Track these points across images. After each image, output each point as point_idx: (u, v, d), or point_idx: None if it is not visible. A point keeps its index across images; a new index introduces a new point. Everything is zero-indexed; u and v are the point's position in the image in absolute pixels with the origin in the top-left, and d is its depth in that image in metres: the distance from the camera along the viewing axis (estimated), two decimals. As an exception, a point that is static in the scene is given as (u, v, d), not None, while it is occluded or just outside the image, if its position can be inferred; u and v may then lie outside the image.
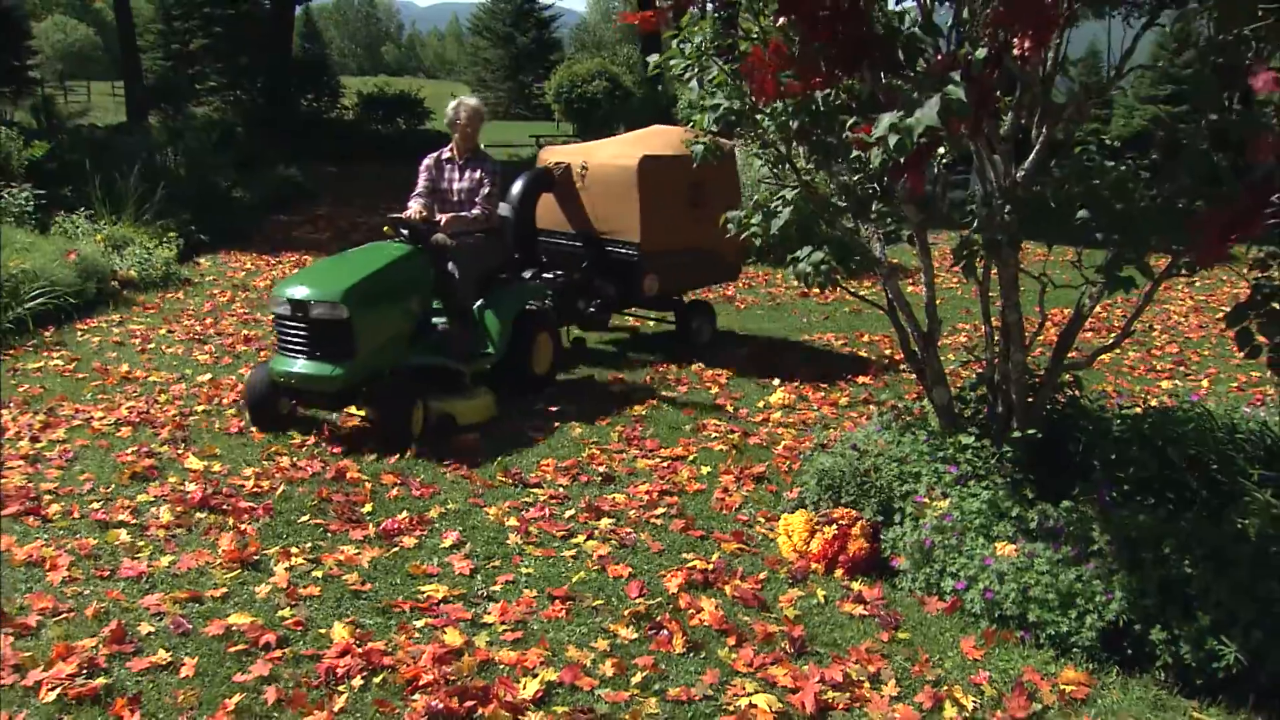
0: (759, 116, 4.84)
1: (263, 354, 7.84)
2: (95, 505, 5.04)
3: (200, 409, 6.56)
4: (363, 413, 6.41)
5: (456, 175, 7.06)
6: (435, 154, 7.20)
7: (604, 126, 30.59)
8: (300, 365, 5.96)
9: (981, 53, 3.69)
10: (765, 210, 5.10)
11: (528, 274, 7.77)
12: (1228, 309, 4.06)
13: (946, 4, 4.15)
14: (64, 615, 4.01)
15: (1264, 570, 3.83)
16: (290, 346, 6.02)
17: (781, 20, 3.96)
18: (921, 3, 4.16)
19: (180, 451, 5.81)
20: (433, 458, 5.85)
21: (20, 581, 4.26)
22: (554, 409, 6.78)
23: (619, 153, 8.18)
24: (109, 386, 6.99)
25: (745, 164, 10.97)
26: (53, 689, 3.49)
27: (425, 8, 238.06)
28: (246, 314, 9.38)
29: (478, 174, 6.99)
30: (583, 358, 8.29)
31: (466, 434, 6.22)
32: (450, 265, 6.70)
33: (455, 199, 7.02)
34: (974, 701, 3.65)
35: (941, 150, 4.82)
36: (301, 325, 5.96)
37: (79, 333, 8.44)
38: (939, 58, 3.61)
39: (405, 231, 6.63)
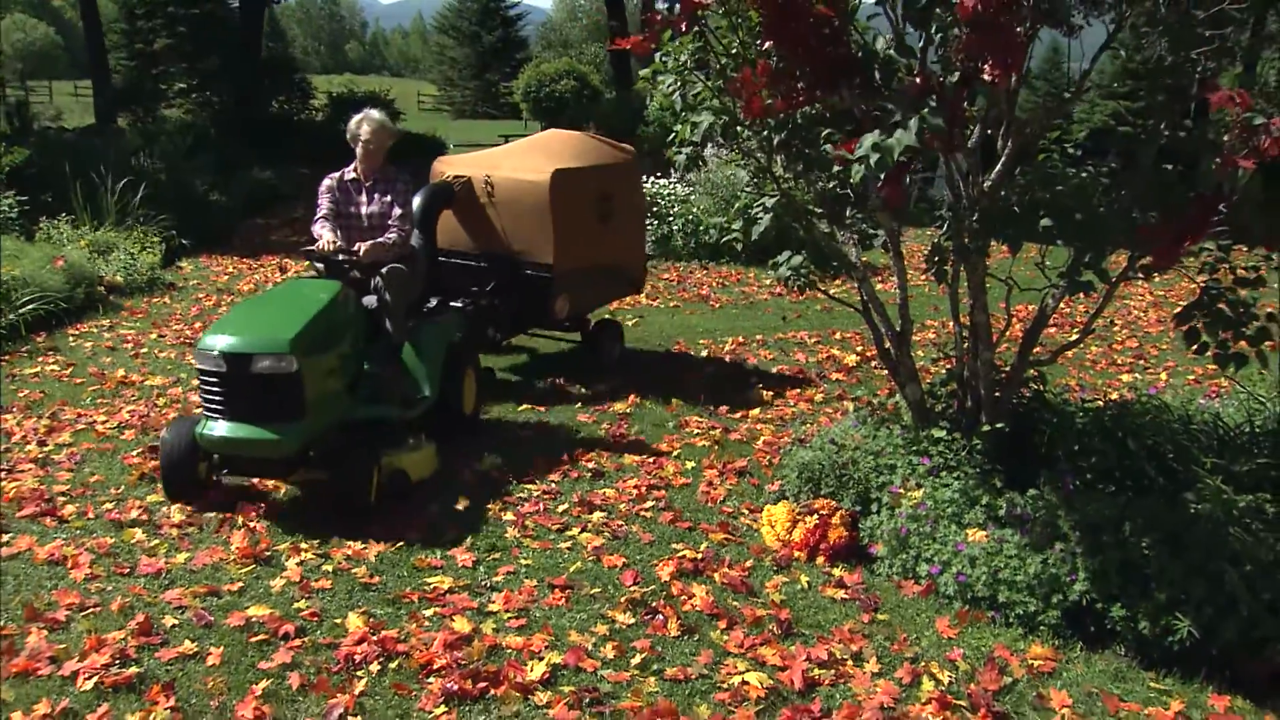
0: (740, 129, 5.11)
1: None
2: (108, 506, 5.25)
3: (199, 412, 6.74)
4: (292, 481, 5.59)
5: (364, 199, 6.26)
6: (336, 175, 6.33)
7: (574, 126, 30.85)
8: (240, 430, 5.07)
9: (955, 76, 3.97)
10: (747, 217, 5.37)
11: (432, 301, 6.87)
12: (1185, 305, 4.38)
13: (917, 31, 4.42)
14: (90, 610, 4.23)
15: (1215, 552, 4.13)
16: (225, 408, 5.11)
17: (767, 44, 4.23)
18: (894, 27, 4.43)
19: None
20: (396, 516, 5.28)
21: (44, 579, 4.47)
22: (543, 408, 7.02)
23: (525, 165, 7.47)
24: (107, 391, 7.17)
25: (726, 172, 11.29)
26: (89, 678, 3.72)
27: (389, 5, 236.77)
28: (234, 318, 9.55)
29: (388, 197, 6.22)
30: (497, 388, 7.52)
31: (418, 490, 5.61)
32: (374, 300, 6.04)
33: (365, 225, 6.23)
34: (949, 676, 3.94)
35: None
36: (240, 383, 5.06)
37: (70, 338, 8.61)
38: (914, 79, 3.89)
39: (321, 265, 6.05)
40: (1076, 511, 4.43)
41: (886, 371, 5.62)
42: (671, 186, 14.18)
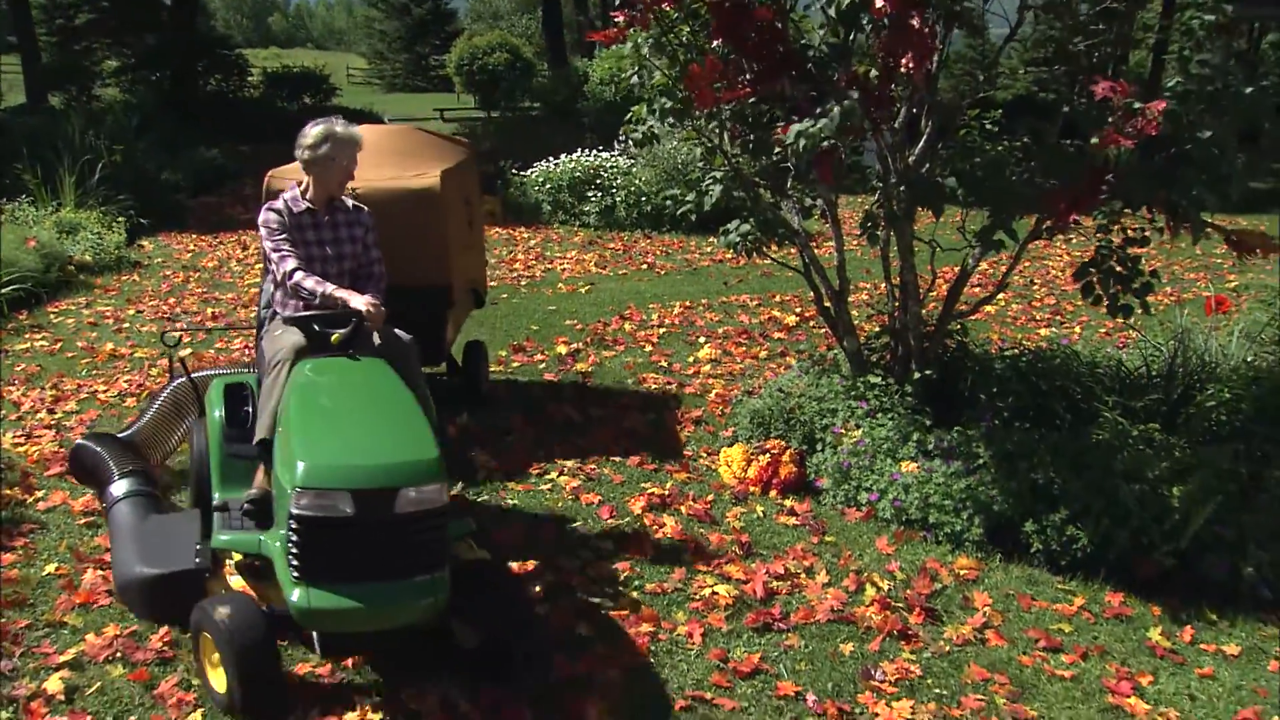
0: (695, 113, 5.69)
1: (215, 356, 8.45)
2: (126, 464, 5.75)
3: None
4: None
5: (329, 234, 4.78)
6: (279, 207, 4.73)
7: (508, 100, 31.20)
8: (373, 594, 3.49)
9: (876, 70, 4.59)
10: (699, 189, 5.98)
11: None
12: (1082, 263, 5.07)
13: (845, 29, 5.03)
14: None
15: (1111, 472, 4.82)
16: (347, 566, 3.49)
17: (716, 41, 4.83)
18: (827, 24, 5.05)
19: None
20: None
21: (83, 528, 4.97)
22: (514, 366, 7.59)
23: (391, 170, 6.08)
24: (100, 363, 7.62)
25: (668, 145, 11.90)
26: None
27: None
28: (205, 292, 9.99)
29: (357, 230, 4.85)
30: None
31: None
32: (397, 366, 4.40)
33: (336, 271, 4.75)
34: (889, 584, 4.60)
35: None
36: (376, 529, 3.50)
37: (51, 316, 9.01)
38: (842, 72, 4.51)
39: (334, 333, 4.30)
40: (995, 444, 5.10)
41: (825, 329, 6.27)
42: (615, 159, 14.74)
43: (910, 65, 4.29)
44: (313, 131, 4.64)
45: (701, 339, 8.59)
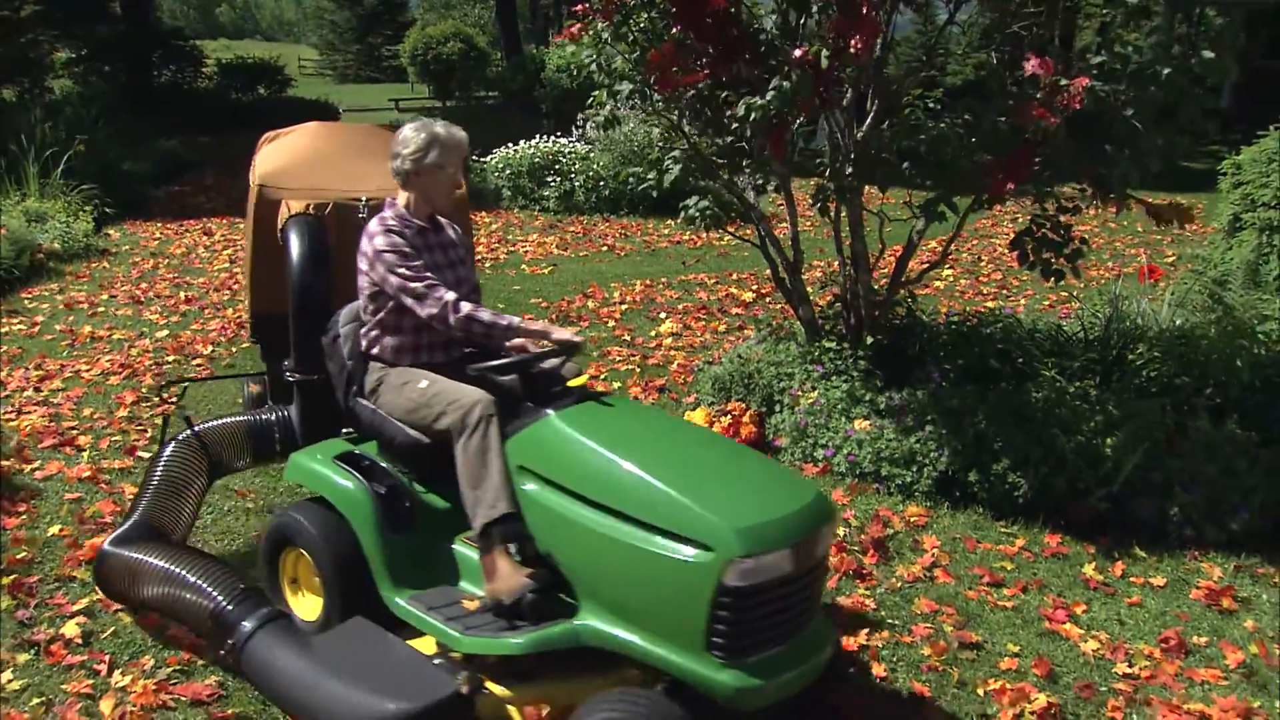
0: (653, 94, 6.00)
1: (211, 327, 8.63)
2: (117, 438, 5.99)
3: (171, 359, 7.48)
4: None
5: (441, 256, 4.03)
6: (392, 224, 3.88)
7: (463, 89, 31.37)
8: (798, 650, 3.20)
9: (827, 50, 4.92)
10: (659, 168, 6.29)
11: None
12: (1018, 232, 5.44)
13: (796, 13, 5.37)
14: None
15: (1049, 426, 5.19)
16: (776, 628, 3.12)
17: (675, 29, 5.15)
18: (779, 8, 5.38)
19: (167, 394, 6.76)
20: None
21: (83, 494, 5.24)
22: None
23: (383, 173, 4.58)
24: (79, 345, 7.83)
25: (625, 129, 12.22)
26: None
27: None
28: (175, 278, 10.19)
29: (462, 249, 4.19)
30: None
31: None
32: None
33: (469, 288, 4.06)
34: (845, 530, 4.96)
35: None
36: (807, 579, 3.18)
37: (25, 301, 9.18)
38: (795, 54, 4.84)
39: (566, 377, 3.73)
40: (941, 402, 5.47)
41: (782, 303, 6.59)
42: (573, 145, 15.03)
43: (858, 46, 4.63)
44: (414, 138, 3.92)
45: (662, 315, 8.91)
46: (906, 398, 5.63)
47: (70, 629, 3.99)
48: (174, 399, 4.88)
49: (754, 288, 9.94)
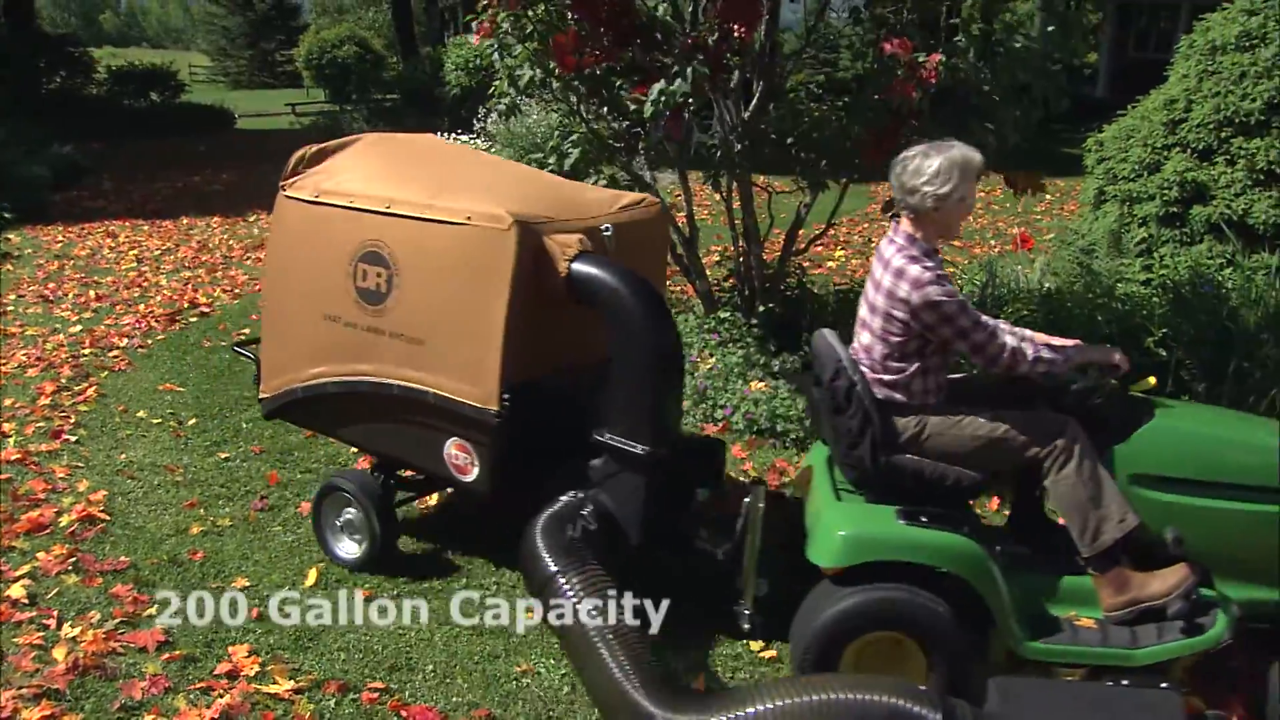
0: (553, 80, 6.34)
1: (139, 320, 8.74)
2: (42, 424, 6.17)
3: (87, 352, 7.62)
4: None
5: None
6: (932, 264, 3.48)
7: (359, 93, 31.33)
8: None
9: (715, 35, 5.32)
10: (559, 151, 6.65)
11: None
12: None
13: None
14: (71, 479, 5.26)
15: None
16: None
17: (574, 17, 5.51)
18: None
19: (86, 384, 6.92)
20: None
21: (17, 474, 5.42)
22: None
23: (587, 193, 4.49)
24: (-9, 343, 7.96)
25: (527, 122, 12.53)
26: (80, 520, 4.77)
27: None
28: (83, 277, 10.25)
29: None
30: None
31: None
32: None
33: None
34: (744, 479, 5.36)
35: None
36: None
37: (-71, 304, 9.22)
38: (687, 39, 5.23)
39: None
40: (829, 362, 5.89)
41: (682, 282, 6.97)
42: (473, 140, 15.28)
43: (742, 31, 5.02)
44: (931, 166, 3.46)
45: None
46: (799, 361, 6.04)
47: (16, 590, 4.22)
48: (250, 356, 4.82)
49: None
